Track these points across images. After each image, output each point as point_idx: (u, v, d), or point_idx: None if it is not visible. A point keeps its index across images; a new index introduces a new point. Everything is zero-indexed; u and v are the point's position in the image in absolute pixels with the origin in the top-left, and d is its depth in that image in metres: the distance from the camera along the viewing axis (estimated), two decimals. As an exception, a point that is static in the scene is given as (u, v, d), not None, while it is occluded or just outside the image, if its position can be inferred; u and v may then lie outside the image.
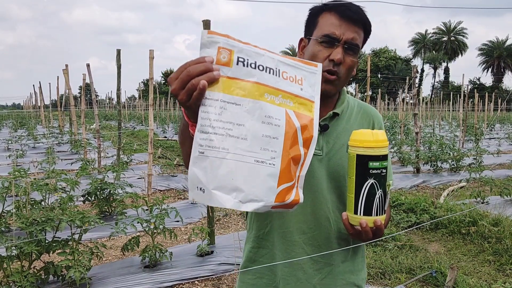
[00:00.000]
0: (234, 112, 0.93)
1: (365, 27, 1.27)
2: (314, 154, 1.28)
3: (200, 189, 0.94)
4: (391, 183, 1.39)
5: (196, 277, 3.79)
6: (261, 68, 0.97)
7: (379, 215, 1.10)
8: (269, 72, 0.98)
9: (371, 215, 1.10)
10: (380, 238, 1.16)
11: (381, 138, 1.10)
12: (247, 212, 1.47)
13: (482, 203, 6.20)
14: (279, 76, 0.99)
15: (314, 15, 1.29)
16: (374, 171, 1.08)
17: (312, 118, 1.02)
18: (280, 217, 1.33)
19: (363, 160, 1.09)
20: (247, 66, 0.95)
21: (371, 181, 1.08)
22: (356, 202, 1.10)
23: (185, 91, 0.91)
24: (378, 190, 1.09)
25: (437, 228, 5.21)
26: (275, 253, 1.36)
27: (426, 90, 71.49)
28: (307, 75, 1.04)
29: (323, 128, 1.31)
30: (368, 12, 1.27)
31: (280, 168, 0.96)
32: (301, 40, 1.35)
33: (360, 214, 1.10)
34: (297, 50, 1.38)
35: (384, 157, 1.09)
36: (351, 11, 1.23)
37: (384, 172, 1.09)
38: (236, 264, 3.91)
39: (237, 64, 0.94)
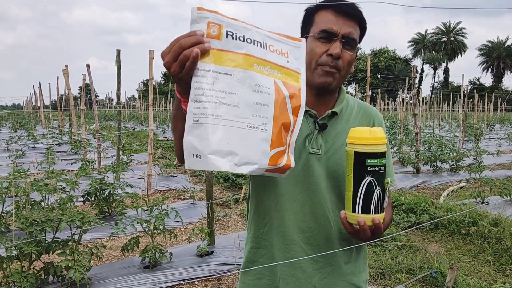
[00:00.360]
0: (225, 81, 0.98)
1: (361, 23, 1.29)
2: (312, 153, 1.29)
3: (196, 155, 0.97)
4: (394, 182, 1.39)
5: (196, 278, 3.79)
6: (249, 41, 1.02)
7: (378, 213, 1.09)
8: (257, 45, 1.03)
9: (369, 213, 1.09)
10: (380, 239, 1.15)
11: (379, 135, 1.09)
12: (247, 212, 1.47)
13: (482, 203, 6.20)
14: (266, 48, 1.04)
15: (310, 14, 1.31)
16: (372, 169, 1.07)
17: (299, 87, 1.07)
18: (278, 216, 1.33)
19: (360, 158, 1.08)
20: (236, 39, 1.00)
21: (369, 178, 1.08)
22: (354, 200, 1.10)
23: (177, 63, 0.94)
24: (376, 187, 1.08)
25: (437, 229, 5.21)
26: (274, 253, 1.36)
27: (426, 91, 71.56)
28: (292, 49, 1.09)
29: (321, 127, 1.31)
30: (365, 11, 1.29)
31: (272, 133, 1.01)
32: None
33: (358, 212, 1.10)
34: None
35: (382, 155, 1.08)
36: (347, 6, 1.26)
37: (382, 170, 1.09)
38: (237, 264, 3.91)
39: (227, 37, 0.99)
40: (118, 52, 7.40)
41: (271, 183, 1.33)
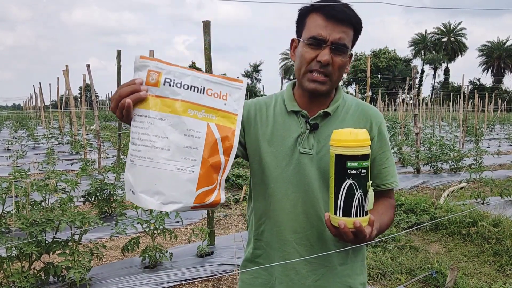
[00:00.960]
0: (160, 126, 1.08)
1: (354, 25, 1.27)
2: (303, 153, 1.30)
3: (132, 191, 1.11)
4: (396, 183, 1.38)
5: (196, 278, 3.79)
6: (186, 87, 1.10)
7: (359, 216, 1.08)
8: (194, 90, 1.11)
9: (350, 216, 1.07)
10: (368, 242, 1.14)
11: (361, 138, 1.07)
12: (247, 213, 1.48)
13: (482, 203, 6.19)
14: (203, 93, 1.12)
15: (302, 16, 1.31)
16: (353, 171, 1.06)
17: (234, 129, 1.14)
18: (273, 216, 1.34)
19: (341, 160, 1.07)
20: (173, 85, 1.09)
21: (349, 181, 1.06)
22: (335, 202, 1.09)
23: (118, 109, 1.07)
24: (357, 190, 1.06)
25: (437, 229, 5.21)
26: (270, 253, 1.37)
27: (426, 91, 71.54)
28: (232, 90, 1.16)
29: (313, 127, 1.31)
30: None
31: (199, 174, 1.09)
32: (293, 40, 1.36)
33: (339, 215, 1.09)
34: (289, 50, 1.39)
35: (363, 157, 1.07)
36: (336, 11, 1.23)
37: (364, 173, 1.07)
38: (237, 264, 3.91)
39: (164, 84, 1.08)
40: (119, 52, 7.40)
41: (266, 184, 1.34)
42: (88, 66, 9.00)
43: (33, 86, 37.41)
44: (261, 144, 1.34)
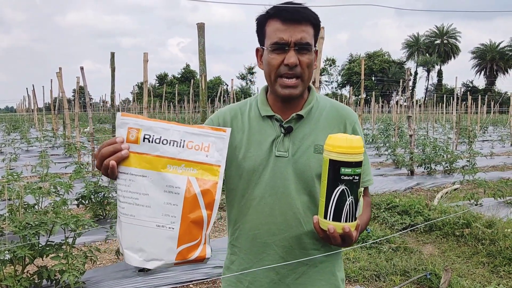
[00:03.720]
0: (141, 183, 1.10)
1: (312, 22, 1.28)
2: (279, 156, 1.32)
3: (121, 245, 1.15)
4: (371, 181, 1.40)
5: (191, 281, 3.78)
6: (165, 142, 1.12)
7: (349, 221, 1.10)
8: (173, 145, 1.12)
9: (340, 221, 1.09)
10: (350, 247, 1.16)
11: (356, 145, 1.08)
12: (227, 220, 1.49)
13: (476, 205, 6.23)
14: (183, 146, 1.13)
15: (261, 25, 1.32)
16: (346, 178, 1.07)
17: (216, 182, 1.13)
18: (249, 220, 1.35)
19: (335, 166, 1.08)
20: (152, 141, 1.11)
21: (342, 187, 1.08)
22: (326, 207, 1.10)
23: (103, 169, 1.11)
24: (348, 196, 1.08)
25: (431, 230, 5.23)
26: (244, 258, 1.38)
27: (419, 93, 71.84)
28: (215, 140, 1.16)
29: (287, 130, 1.33)
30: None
31: (179, 231, 1.10)
32: (257, 50, 1.37)
33: (329, 219, 1.10)
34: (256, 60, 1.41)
35: (357, 164, 1.08)
36: (291, 12, 1.25)
37: (356, 179, 1.08)
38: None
39: (144, 141, 1.11)
40: (112, 54, 7.39)
41: (243, 189, 1.36)
42: (82, 68, 8.98)
43: (26, 88, 37.15)
44: (237, 151, 1.35)
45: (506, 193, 6.44)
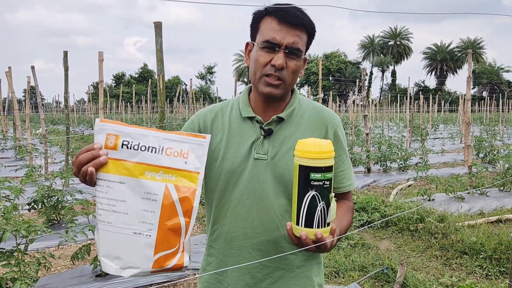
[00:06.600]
0: (118, 189, 1.09)
1: (308, 30, 1.27)
2: (259, 159, 1.30)
3: (98, 252, 1.12)
4: (353, 185, 1.40)
5: (151, 284, 3.71)
6: (143, 148, 1.10)
7: (321, 227, 1.08)
8: (151, 151, 1.11)
9: (312, 227, 1.07)
10: (327, 252, 1.15)
11: (325, 150, 1.06)
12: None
13: (429, 200, 6.47)
14: (161, 153, 1.11)
15: (256, 20, 1.30)
16: (316, 183, 1.06)
17: (195, 189, 1.12)
18: (227, 223, 1.33)
19: (305, 171, 1.06)
20: (131, 148, 1.10)
21: (312, 192, 1.06)
22: (298, 213, 1.08)
23: (81, 175, 1.09)
24: (319, 202, 1.06)
25: (387, 226, 5.38)
26: (222, 260, 1.36)
27: (375, 93, 73.97)
28: (194, 147, 1.15)
29: (267, 133, 1.31)
30: (314, 15, 1.28)
31: (156, 239, 1.08)
32: (247, 44, 1.35)
33: (301, 226, 1.08)
34: (244, 54, 1.38)
35: (327, 169, 1.06)
36: (290, 15, 1.23)
37: (327, 184, 1.07)
38: (192, 269, 3.86)
39: (122, 147, 1.09)
40: (65, 53, 7.15)
41: (221, 191, 1.33)
42: (33, 67, 8.63)
43: (-27, 88, 35.26)
44: (216, 152, 1.33)
45: (457, 188, 6.74)
